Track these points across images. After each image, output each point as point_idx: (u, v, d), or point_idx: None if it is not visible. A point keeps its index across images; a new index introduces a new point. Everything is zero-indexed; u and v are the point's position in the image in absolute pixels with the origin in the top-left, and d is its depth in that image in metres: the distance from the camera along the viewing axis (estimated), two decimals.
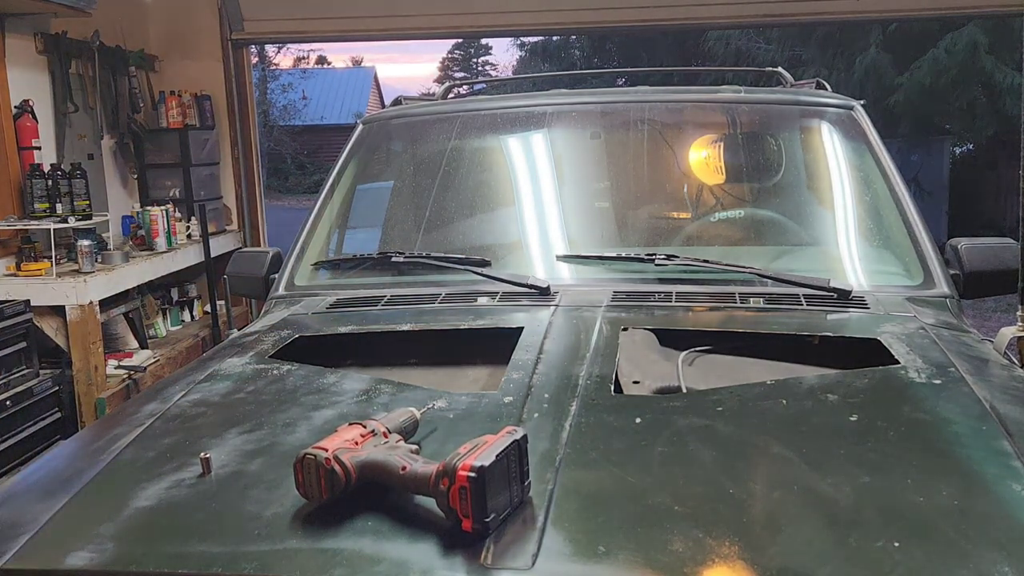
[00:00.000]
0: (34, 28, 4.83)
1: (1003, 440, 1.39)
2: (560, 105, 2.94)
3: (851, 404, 1.54)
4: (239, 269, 2.83)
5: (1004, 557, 1.08)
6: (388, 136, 3.14)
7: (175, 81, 6.00)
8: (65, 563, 1.18)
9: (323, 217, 2.80)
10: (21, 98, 4.64)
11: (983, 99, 11.62)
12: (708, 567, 1.09)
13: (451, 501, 1.13)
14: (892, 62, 11.60)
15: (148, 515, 1.28)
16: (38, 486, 1.48)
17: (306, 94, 27.47)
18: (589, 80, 12.71)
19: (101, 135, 5.41)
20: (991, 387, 1.64)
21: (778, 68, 3.80)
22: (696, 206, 2.81)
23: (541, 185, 2.76)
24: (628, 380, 1.70)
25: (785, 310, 2.14)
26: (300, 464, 1.23)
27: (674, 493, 1.26)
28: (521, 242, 2.64)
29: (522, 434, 1.21)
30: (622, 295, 2.24)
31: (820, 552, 1.10)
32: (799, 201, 2.76)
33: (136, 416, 1.69)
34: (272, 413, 1.61)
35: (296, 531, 1.20)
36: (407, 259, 2.49)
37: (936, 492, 1.24)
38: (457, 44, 34.16)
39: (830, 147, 2.82)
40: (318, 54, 31.02)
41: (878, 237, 2.55)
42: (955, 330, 2.07)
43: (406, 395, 1.67)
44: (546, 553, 1.11)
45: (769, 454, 1.39)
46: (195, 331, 5.69)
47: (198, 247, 5.64)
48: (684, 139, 2.88)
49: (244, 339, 2.17)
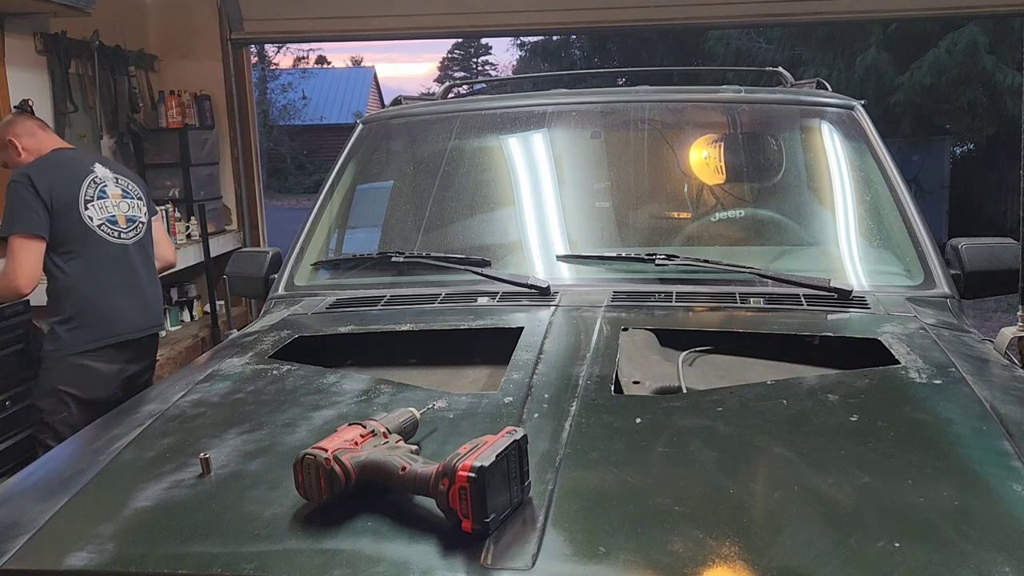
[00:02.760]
0: (34, 28, 4.83)
1: (1004, 440, 1.39)
2: (560, 105, 2.94)
3: (851, 404, 1.54)
4: (239, 269, 2.83)
5: (1004, 557, 1.08)
6: (388, 136, 3.14)
7: (175, 81, 6.00)
8: (65, 563, 1.18)
9: (323, 217, 2.80)
10: (20, 98, 4.63)
11: (983, 99, 11.62)
12: (708, 567, 1.09)
13: (451, 501, 1.13)
14: (892, 62, 11.61)
15: (148, 515, 1.28)
16: (38, 486, 1.48)
17: (306, 94, 27.49)
18: (589, 80, 12.72)
19: (101, 135, 5.40)
20: (992, 387, 1.64)
21: (778, 68, 3.80)
22: (696, 206, 2.81)
23: (541, 185, 2.76)
24: (628, 380, 1.70)
25: (785, 310, 2.14)
26: (300, 464, 1.23)
27: (674, 493, 1.26)
28: (521, 242, 2.63)
29: (522, 434, 1.21)
30: (622, 295, 2.24)
31: (820, 552, 1.10)
32: (799, 201, 2.76)
33: (136, 416, 1.69)
34: (272, 413, 1.61)
35: (296, 531, 1.20)
36: (407, 259, 2.49)
37: (937, 492, 1.24)
38: (457, 44, 34.21)
39: (830, 147, 2.82)
40: (318, 54, 31.09)
41: (878, 237, 2.55)
42: (956, 330, 2.06)
43: (406, 395, 1.67)
44: (546, 553, 1.11)
45: (769, 454, 1.38)
46: (195, 331, 5.69)
47: (197, 247, 5.64)
48: (684, 139, 2.88)
49: (244, 339, 2.17)
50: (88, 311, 3.28)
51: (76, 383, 3.28)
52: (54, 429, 3.26)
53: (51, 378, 3.29)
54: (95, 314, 3.29)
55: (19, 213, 3.17)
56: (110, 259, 3.36)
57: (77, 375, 3.28)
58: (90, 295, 3.28)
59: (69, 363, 3.27)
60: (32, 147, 3.39)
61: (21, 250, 3.17)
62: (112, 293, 3.34)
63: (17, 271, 3.17)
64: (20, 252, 3.17)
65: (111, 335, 3.33)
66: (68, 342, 3.27)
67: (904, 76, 11.42)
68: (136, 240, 3.47)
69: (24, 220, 3.17)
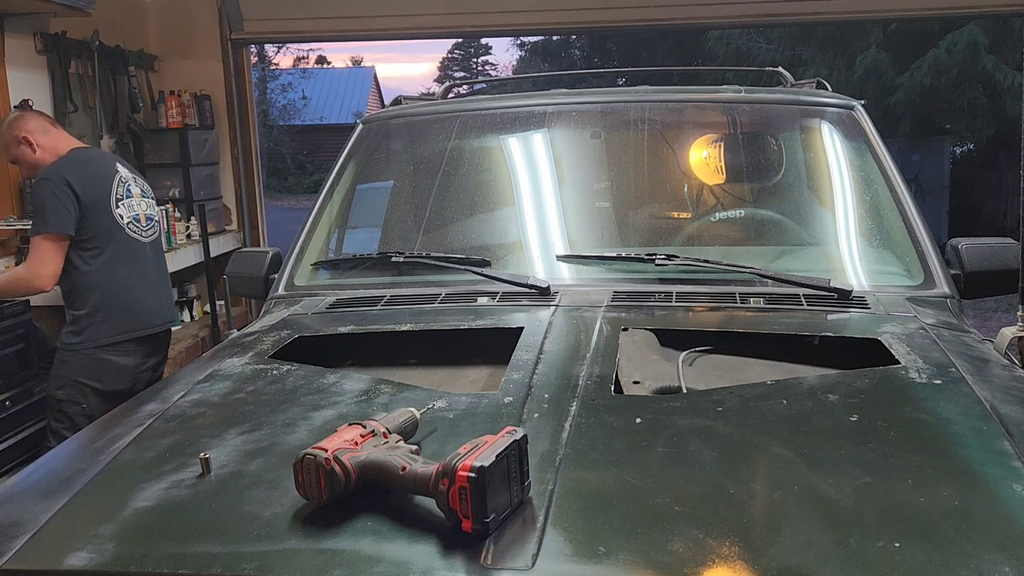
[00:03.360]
0: (34, 28, 4.82)
1: (1004, 440, 1.39)
2: (560, 105, 2.94)
3: (851, 404, 1.54)
4: (239, 269, 2.83)
5: (1004, 557, 1.08)
6: (388, 136, 3.14)
7: (175, 81, 6.00)
8: (65, 563, 1.18)
9: (323, 217, 2.80)
10: (20, 98, 4.63)
11: (983, 99, 11.63)
12: (708, 567, 1.09)
13: (451, 501, 1.13)
14: (892, 62, 11.61)
15: (148, 515, 1.28)
16: (38, 486, 1.48)
17: (306, 94, 27.49)
18: (589, 80, 12.73)
19: (101, 135, 5.40)
20: (992, 387, 1.63)
21: (778, 68, 3.80)
22: (696, 206, 2.81)
23: (541, 185, 2.76)
24: (628, 380, 1.70)
25: (785, 310, 2.14)
26: (300, 464, 1.23)
27: (674, 493, 1.26)
28: (521, 242, 2.63)
29: (522, 434, 1.21)
30: (622, 295, 2.23)
31: (820, 552, 1.10)
32: (799, 201, 2.76)
33: (136, 416, 1.69)
34: (272, 413, 1.61)
35: (296, 531, 1.20)
36: (407, 259, 2.49)
37: (937, 492, 1.24)
38: (457, 44, 34.21)
39: (830, 147, 2.82)
40: (318, 54, 31.09)
41: (878, 237, 2.55)
42: (956, 330, 2.06)
43: (406, 395, 1.67)
44: (546, 553, 1.11)
45: (769, 454, 1.38)
46: (195, 331, 5.69)
47: (197, 247, 5.64)
48: (684, 139, 2.88)
49: (244, 339, 2.17)
50: (112, 305, 3.38)
51: (96, 375, 3.36)
52: (71, 419, 3.34)
53: (71, 370, 3.36)
54: (119, 308, 3.39)
55: (51, 212, 3.24)
56: (132, 256, 3.47)
57: (98, 367, 3.36)
58: (114, 290, 3.38)
59: (91, 356, 3.36)
60: (47, 144, 3.44)
61: (48, 249, 3.26)
62: (135, 288, 3.45)
63: (42, 269, 3.26)
64: (47, 251, 3.26)
65: (133, 329, 3.43)
66: (91, 335, 3.35)
67: (904, 76, 11.43)
68: (154, 238, 3.63)
69: (55, 219, 3.24)
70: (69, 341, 3.36)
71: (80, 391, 3.35)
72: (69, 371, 3.36)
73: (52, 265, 3.27)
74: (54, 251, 3.26)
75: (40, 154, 3.40)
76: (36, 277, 3.27)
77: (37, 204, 3.29)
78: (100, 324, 3.36)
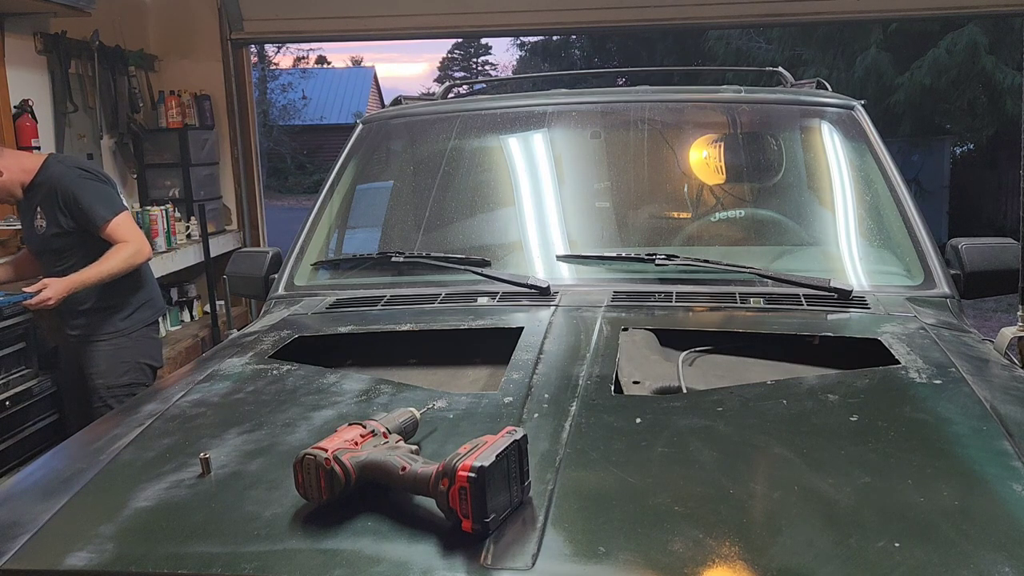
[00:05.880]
0: (34, 28, 4.83)
1: (1003, 440, 1.39)
2: (560, 105, 2.94)
3: (851, 404, 1.54)
4: (239, 269, 2.83)
5: (1004, 557, 1.08)
6: (388, 136, 3.14)
7: (174, 81, 6.00)
8: (65, 563, 1.18)
9: (323, 217, 2.80)
10: (21, 98, 4.64)
11: (983, 99, 11.64)
12: (708, 567, 1.09)
13: (451, 501, 1.13)
14: (892, 62, 11.62)
15: (148, 515, 1.28)
16: (38, 486, 1.48)
17: (306, 94, 27.48)
18: (589, 80, 12.73)
19: (100, 135, 5.40)
20: (992, 387, 1.64)
21: (778, 68, 3.80)
22: (696, 206, 2.81)
23: (541, 185, 2.76)
24: (628, 380, 1.70)
25: (785, 310, 2.14)
26: (300, 464, 1.23)
27: (674, 493, 1.26)
28: (521, 242, 2.63)
29: (522, 434, 1.21)
30: (622, 295, 2.23)
31: (820, 552, 1.10)
32: (799, 201, 2.76)
33: (136, 416, 1.69)
34: (272, 413, 1.61)
35: (296, 531, 1.20)
36: (407, 259, 2.49)
37: (937, 492, 1.24)
38: (457, 44, 34.18)
39: (830, 147, 2.82)
40: (318, 54, 31.08)
41: (878, 237, 2.55)
42: (956, 330, 2.06)
43: (406, 395, 1.67)
44: (546, 553, 1.11)
45: (769, 454, 1.38)
46: (195, 331, 5.69)
47: (197, 247, 5.64)
48: (684, 139, 2.88)
49: (244, 339, 2.17)
50: (150, 288, 3.67)
51: (152, 354, 3.68)
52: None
53: (132, 354, 3.58)
54: (154, 291, 3.71)
55: (109, 196, 3.47)
56: None
57: (151, 347, 3.68)
58: (146, 273, 3.66)
59: (144, 335, 3.63)
60: (10, 164, 3.47)
61: (130, 222, 3.52)
62: (151, 273, 3.74)
63: (140, 238, 3.50)
64: (131, 224, 3.51)
65: (159, 310, 3.76)
66: (139, 317, 3.60)
67: (904, 76, 11.43)
68: None
69: (117, 201, 3.51)
70: (121, 327, 3.53)
71: (143, 372, 3.59)
72: (131, 355, 3.56)
73: (142, 233, 3.56)
74: (133, 223, 3.54)
75: (8, 175, 3.43)
76: (143, 244, 3.49)
77: (90, 196, 3.40)
78: (144, 306, 3.60)
